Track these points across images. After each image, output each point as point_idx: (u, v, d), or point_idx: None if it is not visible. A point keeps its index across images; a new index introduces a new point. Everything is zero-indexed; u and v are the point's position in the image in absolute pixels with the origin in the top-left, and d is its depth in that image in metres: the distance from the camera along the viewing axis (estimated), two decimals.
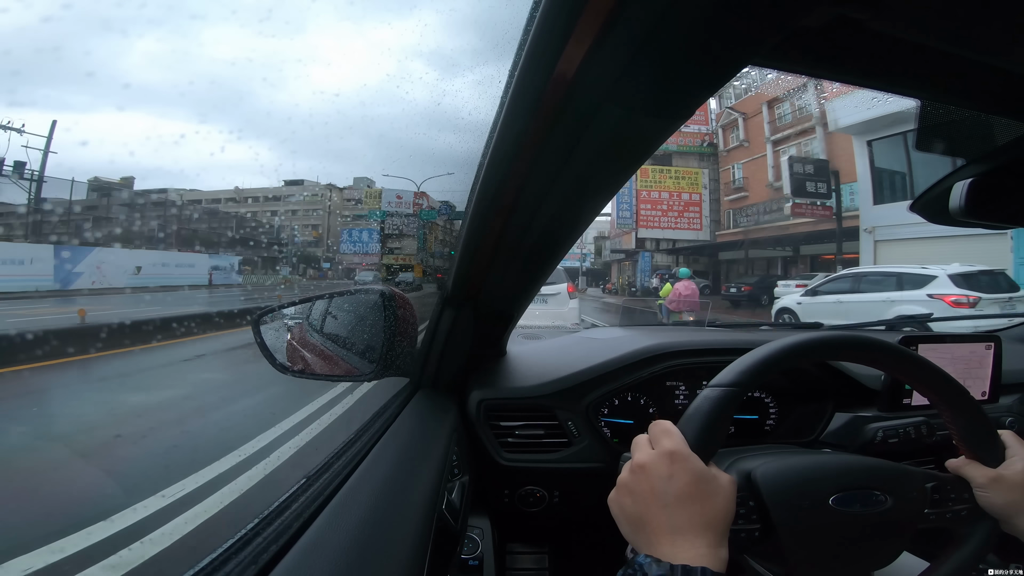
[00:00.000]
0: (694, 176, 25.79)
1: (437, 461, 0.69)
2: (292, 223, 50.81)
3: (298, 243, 48.61)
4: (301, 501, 0.54)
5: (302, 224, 50.72)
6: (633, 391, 1.03)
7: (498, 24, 0.48)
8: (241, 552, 0.44)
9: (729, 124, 24.88)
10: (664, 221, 25.70)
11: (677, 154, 26.16)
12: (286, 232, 48.29)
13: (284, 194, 53.10)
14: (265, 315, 1.02)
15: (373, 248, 44.82)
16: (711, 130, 26.17)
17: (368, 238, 45.67)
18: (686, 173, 25.78)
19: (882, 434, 0.96)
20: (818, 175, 16.81)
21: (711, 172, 26.11)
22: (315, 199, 51.77)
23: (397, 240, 43.21)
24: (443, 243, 47.61)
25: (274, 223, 48.44)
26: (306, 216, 52.00)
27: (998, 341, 1.01)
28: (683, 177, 25.71)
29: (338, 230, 48.44)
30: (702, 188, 25.71)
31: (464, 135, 0.67)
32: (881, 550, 0.57)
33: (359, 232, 46.66)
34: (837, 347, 0.60)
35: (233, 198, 51.79)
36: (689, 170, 25.87)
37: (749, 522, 0.54)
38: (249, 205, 51.62)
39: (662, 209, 25.66)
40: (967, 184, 0.66)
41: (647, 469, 0.50)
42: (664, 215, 25.69)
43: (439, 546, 0.56)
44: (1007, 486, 0.56)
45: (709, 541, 0.46)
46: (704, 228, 25.74)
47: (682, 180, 25.69)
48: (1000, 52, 0.43)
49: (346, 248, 46.42)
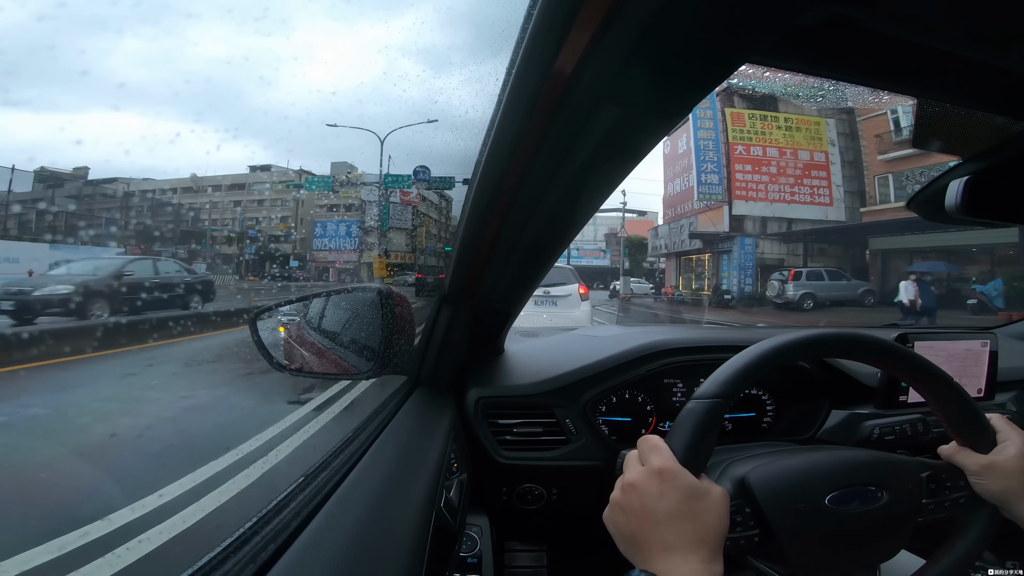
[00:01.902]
0: (814, 127, 17.65)
1: (435, 459, 0.69)
2: (258, 215, 42.30)
3: (255, 236, 40.76)
4: (299, 500, 0.54)
5: (269, 216, 42.05)
6: (631, 389, 1.03)
7: (495, 22, 0.48)
8: (239, 551, 0.45)
9: None
10: (773, 192, 17.32)
11: (786, 100, 17.25)
12: (238, 224, 40.07)
13: (249, 182, 43.15)
14: (263, 313, 1.01)
15: (351, 244, 38.95)
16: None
17: (346, 232, 39.53)
18: (802, 123, 17.78)
19: (878, 431, 0.96)
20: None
21: (841, 124, 17.76)
22: (284, 187, 41.31)
23: (380, 234, 37.24)
24: (437, 238, 43.21)
25: (235, 215, 40.97)
26: (273, 207, 42.63)
27: (994, 338, 1.01)
28: (798, 128, 17.67)
29: (312, 223, 40.98)
30: (827, 145, 17.66)
31: (461, 133, 0.67)
32: (883, 544, 0.57)
33: (335, 225, 40.14)
34: (822, 345, 0.60)
35: (190, 187, 42.31)
36: (806, 119, 17.84)
37: (747, 528, 0.54)
38: (209, 195, 42.70)
39: (769, 173, 17.31)
40: (963, 182, 0.67)
41: (638, 487, 0.50)
42: (773, 181, 17.29)
43: (438, 544, 0.56)
44: (1001, 472, 0.56)
45: (703, 556, 0.46)
46: (836, 203, 17.50)
47: (797, 132, 17.67)
48: (996, 51, 0.43)
49: (320, 244, 39.84)
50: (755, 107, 17.57)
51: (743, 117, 17.25)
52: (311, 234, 40.65)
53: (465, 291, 0.87)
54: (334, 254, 38.60)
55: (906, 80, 0.51)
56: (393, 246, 37.79)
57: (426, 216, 42.53)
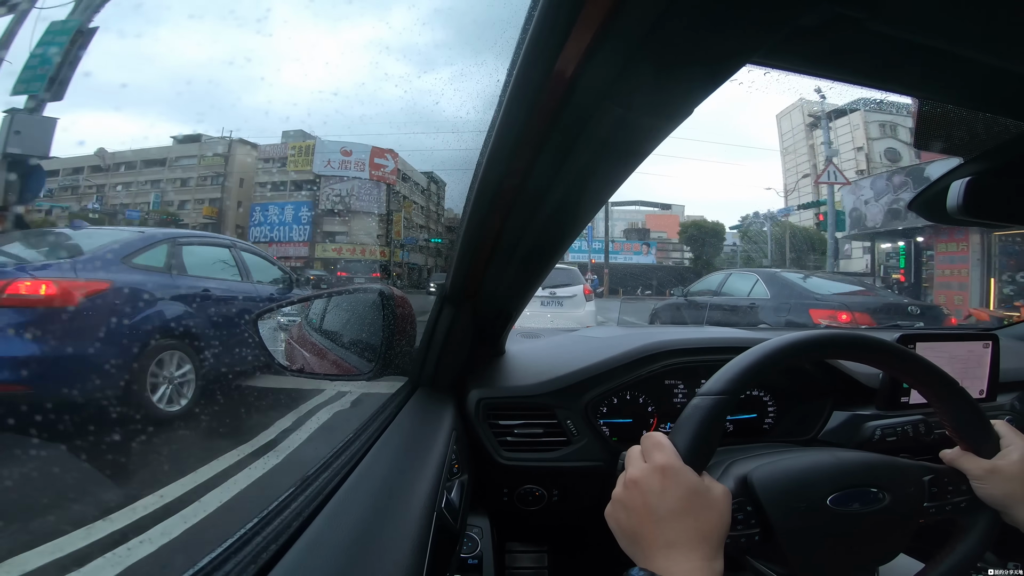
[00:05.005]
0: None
1: (436, 460, 0.69)
2: (182, 197, 31.27)
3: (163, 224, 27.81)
4: (300, 500, 0.54)
5: (195, 199, 31.19)
6: (632, 390, 1.03)
7: (496, 23, 0.48)
8: (241, 551, 0.45)
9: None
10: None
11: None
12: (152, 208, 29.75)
13: (172, 156, 32.31)
14: (264, 313, 1.02)
15: (300, 233, 29.32)
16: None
17: (294, 217, 29.62)
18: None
19: (880, 432, 0.96)
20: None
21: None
22: (215, 161, 31.21)
23: (340, 220, 28.59)
24: (424, 229, 33.83)
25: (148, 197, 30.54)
26: (201, 187, 31.50)
27: (995, 339, 1.01)
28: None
29: (250, 207, 30.83)
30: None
31: (462, 134, 0.67)
32: (883, 546, 0.57)
33: (279, 208, 30.16)
34: (825, 345, 0.60)
35: (97, 165, 31.92)
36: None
37: (748, 527, 0.54)
38: (121, 175, 32.09)
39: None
40: (964, 183, 0.67)
41: (640, 484, 0.50)
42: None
43: (438, 545, 0.56)
44: (1004, 477, 0.56)
45: (704, 554, 0.46)
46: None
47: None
48: (997, 51, 0.43)
49: (259, 234, 29.77)
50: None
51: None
52: (248, 221, 31.21)
53: (466, 292, 0.87)
54: (278, 247, 28.20)
55: (908, 81, 0.51)
56: (356, 236, 29.77)
57: (407, 200, 33.00)
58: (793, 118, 29.07)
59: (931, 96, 0.59)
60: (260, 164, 32.23)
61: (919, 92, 0.57)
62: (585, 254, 26.88)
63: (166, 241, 3.72)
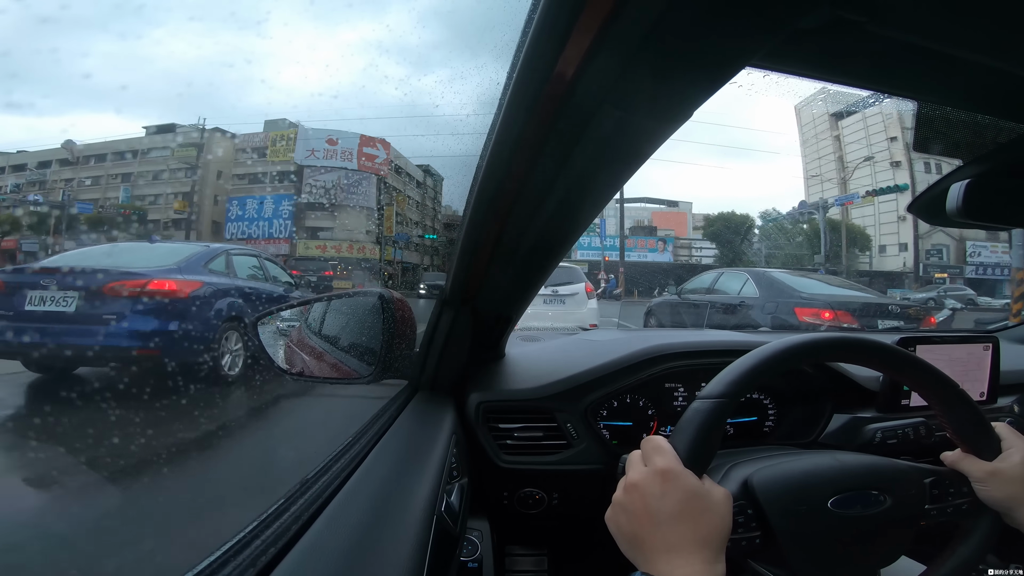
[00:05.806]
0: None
1: (436, 463, 0.69)
2: (152, 191, 29.25)
3: (135, 219, 28.04)
4: (300, 503, 0.54)
5: (168, 193, 28.97)
6: (632, 393, 1.03)
7: (496, 25, 0.48)
8: (239, 554, 0.44)
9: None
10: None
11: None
12: (121, 202, 27.90)
13: (144, 147, 29.83)
14: (264, 317, 1.02)
15: (281, 228, 26.70)
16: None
17: (273, 211, 26.86)
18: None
19: (881, 435, 0.96)
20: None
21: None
22: (187, 152, 28.84)
23: (325, 214, 26.05)
24: (419, 224, 31.40)
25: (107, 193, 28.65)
26: (173, 180, 29.10)
27: (996, 342, 1.01)
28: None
29: (227, 200, 28.57)
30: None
31: (462, 136, 0.67)
32: (885, 549, 0.57)
33: (257, 202, 27.48)
34: (825, 348, 0.60)
35: (65, 159, 29.94)
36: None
37: (749, 530, 0.53)
38: (91, 168, 30.04)
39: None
40: (964, 185, 0.67)
41: (640, 488, 0.50)
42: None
43: (438, 548, 0.56)
44: (1005, 479, 0.56)
45: (704, 558, 0.46)
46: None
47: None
48: (997, 53, 0.44)
49: (236, 230, 27.47)
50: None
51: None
52: (224, 216, 28.73)
53: (466, 295, 0.87)
54: (256, 244, 24.85)
55: (907, 83, 0.51)
56: (343, 232, 27.46)
57: (400, 194, 30.83)
58: (814, 108, 28.42)
59: (930, 98, 0.59)
60: (238, 154, 29.95)
61: (918, 94, 0.57)
62: (598, 251, 25.86)
63: (223, 253, 5.18)
